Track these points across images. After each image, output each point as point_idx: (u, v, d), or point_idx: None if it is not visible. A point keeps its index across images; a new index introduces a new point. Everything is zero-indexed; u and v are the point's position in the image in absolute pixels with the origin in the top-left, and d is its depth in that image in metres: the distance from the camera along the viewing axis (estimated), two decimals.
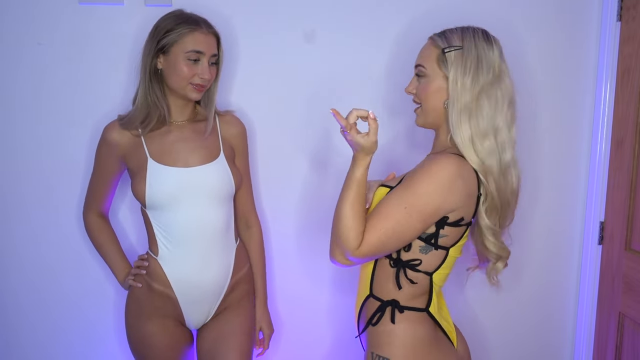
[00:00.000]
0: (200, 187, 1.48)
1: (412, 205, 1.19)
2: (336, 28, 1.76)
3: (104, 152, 1.53)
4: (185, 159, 1.49)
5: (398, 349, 1.26)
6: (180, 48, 1.44)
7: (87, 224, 1.63)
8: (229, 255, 1.56)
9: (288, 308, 1.89)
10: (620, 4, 1.77)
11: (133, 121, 1.49)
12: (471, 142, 1.23)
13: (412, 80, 1.34)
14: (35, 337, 1.81)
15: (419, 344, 1.26)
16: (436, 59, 1.27)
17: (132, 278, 1.55)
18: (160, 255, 1.51)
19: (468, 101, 1.23)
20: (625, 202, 1.78)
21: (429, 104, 1.29)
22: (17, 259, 1.77)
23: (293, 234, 1.85)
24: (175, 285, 1.51)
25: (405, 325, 1.27)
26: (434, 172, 1.20)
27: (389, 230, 1.19)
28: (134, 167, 1.50)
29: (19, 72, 1.68)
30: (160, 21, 1.49)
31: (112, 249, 1.62)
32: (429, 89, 1.28)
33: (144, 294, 1.53)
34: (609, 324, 1.86)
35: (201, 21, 1.48)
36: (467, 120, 1.23)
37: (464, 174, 1.21)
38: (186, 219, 1.47)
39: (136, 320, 1.54)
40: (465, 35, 1.26)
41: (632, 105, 1.75)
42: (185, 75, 1.45)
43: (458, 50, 1.24)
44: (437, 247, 1.25)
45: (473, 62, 1.24)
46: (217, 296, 1.55)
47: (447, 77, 1.25)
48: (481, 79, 1.23)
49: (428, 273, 1.27)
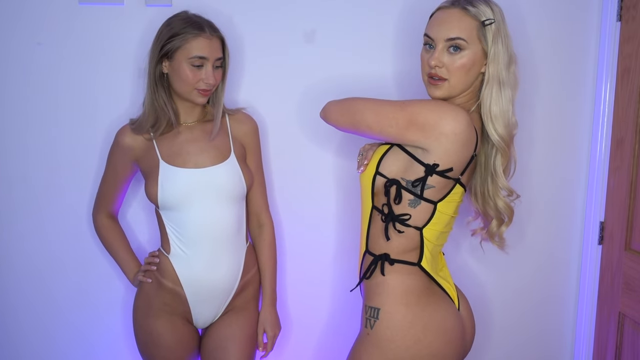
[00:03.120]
0: (210, 187, 1.49)
1: (407, 105, 1.23)
2: (341, 25, 1.75)
3: (117, 156, 1.55)
4: (196, 160, 1.50)
5: (388, 298, 1.29)
6: (184, 54, 1.44)
7: (97, 225, 1.65)
8: (239, 256, 1.56)
9: (298, 307, 1.88)
10: (620, 4, 1.77)
11: (143, 126, 1.51)
12: (508, 114, 1.28)
13: (439, 50, 1.26)
14: (43, 334, 1.82)
15: (409, 293, 1.28)
16: (477, 31, 1.24)
17: (142, 274, 1.56)
18: (172, 253, 1.52)
19: (505, 76, 1.26)
20: (625, 202, 1.78)
21: (464, 78, 1.26)
22: (27, 257, 1.78)
23: (304, 231, 1.84)
24: (185, 283, 1.52)
25: (395, 277, 1.29)
26: (441, 103, 1.24)
27: (370, 102, 1.27)
28: (147, 169, 1.52)
29: (18, 72, 1.69)
30: (164, 26, 1.48)
31: (122, 250, 1.64)
32: (467, 63, 1.24)
33: (154, 290, 1.54)
34: (609, 324, 1.86)
35: (205, 25, 1.47)
36: (507, 91, 1.27)
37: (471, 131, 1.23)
38: (198, 219, 1.48)
39: (144, 318, 1.55)
40: (493, 6, 1.25)
41: (632, 105, 1.74)
42: (190, 81, 1.45)
43: (494, 23, 1.23)
44: (423, 199, 1.26)
45: (505, 36, 1.25)
46: (226, 296, 1.56)
47: (485, 51, 1.25)
48: (509, 50, 1.27)
49: (418, 228, 1.29)
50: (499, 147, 1.30)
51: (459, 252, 1.89)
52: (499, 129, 1.27)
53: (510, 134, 1.30)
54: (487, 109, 1.27)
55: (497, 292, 1.95)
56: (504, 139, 1.29)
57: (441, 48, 1.25)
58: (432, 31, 1.27)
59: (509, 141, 1.31)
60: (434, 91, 1.29)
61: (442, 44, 1.25)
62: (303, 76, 1.77)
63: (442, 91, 1.28)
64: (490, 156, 1.34)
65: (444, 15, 1.26)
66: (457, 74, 1.25)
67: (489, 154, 1.34)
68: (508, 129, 1.29)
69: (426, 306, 1.29)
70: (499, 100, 1.26)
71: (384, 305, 1.29)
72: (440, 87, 1.28)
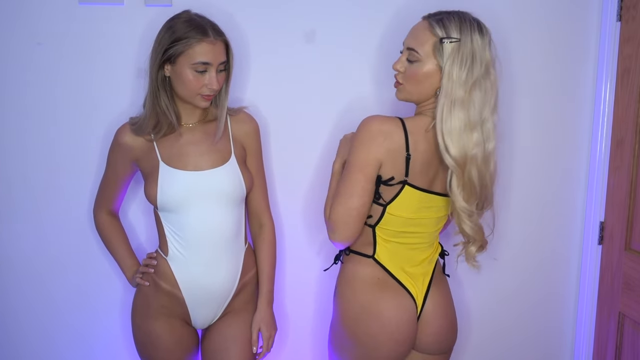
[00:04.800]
0: (210, 190, 1.47)
1: (353, 167, 1.31)
2: (346, 24, 1.74)
3: (117, 155, 1.53)
4: (196, 163, 1.48)
5: (340, 284, 1.46)
6: (187, 59, 1.40)
7: (97, 222, 1.64)
8: (238, 258, 1.55)
9: (297, 307, 1.87)
10: (620, 4, 1.77)
11: (144, 128, 1.49)
12: (459, 133, 1.27)
13: (401, 58, 1.35)
14: (42, 335, 1.81)
15: (358, 279, 1.42)
16: (432, 46, 1.28)
17: (140, 276, 1.55)
18: (170, 256, 1.51)
19: (461, 94, 1.26)
20: (625, 202, 1.78)
21: (416, 87, 1.33)
22: (26, 256, 1.77)
23: (304, 231, 1.84)
24: (183, 286, 1.50)
25: (350, 265, 1.45)
26: (358, 132, 1.32)
27: (338, 199, 1.34)
28: (147, 170, 1.50)
29: (18, 72, 1.68)
30: (165, 28, 1.43)
31: (122, 247, 1.63)
32: (419, 74, 1.31)
33: (152, 292, 1.53)
34: (609, 324, 1.86)
35: (209, 28, 1.42)
36: (459, 112, 1.27)
37: (384, 130, 1.29)
38: (197, 221, 1.47)
39: (143, 319, 1.54)
40: (463, 27, 1.27)
41: (632, 105, 1.75)
42: (193, 87, 1.43)
43: (455, 42, 1.26)
44: (374, 202, 1.36)
45: (469, 57, 1.26)
46: (225, 299, 1.55)
47: (440, 67, 1.28)
48: (475, 73, 1.27)
49: (371, 225, 1.40)
50: (451, 167, 1.29)
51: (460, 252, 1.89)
52: (450, 149, 1.27)
53: (464, 155, 1.28)
54: (439, 124, 1.28)
55: (497, 291, 1.95)
56: (455, 160, 1.28)
57: (404, 55, 1.35)
58: (405, 38, 1.37)
59: (463, 163, 1.28)
60: (396, 93, 1.40)
61: (406, 52, 1.34)
62: (305, 75, 1.76)
63: (402, 94, 1.38)
64: (447, 175, 1.34)
65: (415, 25, 1.35)
66: (410, 82, 1.33)
67: (447, 174, 1.35)
68: (461, 149, 1.27)
69: (370, 292, 1.39)
70: (449, 118, 1.26)
71: (339, 287, 1.47)
72: (400, 90, 1.38)
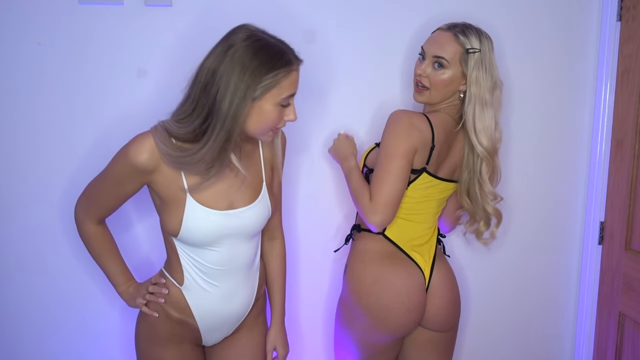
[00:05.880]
0: (240, 228, 1.35)
1: (395, 154, 1.42)
2: (348, 23, 1.74)
3: (126, 170, 1.27)
4: (230, 201, 1.32)
5: (351, 260, 1.56)
6: (276, 95, 1.21)
7: (84, 231, 1.42)
8: (254, 280, 1.46)
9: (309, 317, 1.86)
10: (620, 4, 1.77)
11: (190, 167, 1.24)
12: (491, 130, 1.48)
13: (426, 63, 1.49)
14: (37, 339, 1.81)
15: (368, 252, 1.52)
16: (459, 56, 1.46)
17: (144, 303, 1.41)
18: (186, 285, 1.37)
19: (488, 97, 1.47)
20: (625, 202, 1.78)
21: (441, 91, 1.49)
22: (20, 258, 1.76)
23: (304, 234, 1.83)
24: (197, 314, 1.39)
25: (361, 242, 1.56)
26: (395, 123, 1.44)
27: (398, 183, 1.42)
28: (166, 196, 1.29)
29: (18, 72, 1.68)
30: (242, 56, 1.18)
31: (114, 262, 1.45)
32: (445, 80, 1.47)
33: (160, 320, 1.40)
34: (609, 324, 1.86)
35: (291, 55, 1.24)
36: (489, 112, 1.47)
37: (418, 123, 1.43)
38: (220, 256, 1.35)
39: (149, 346, 1.42)
40: (482, 38, 1.47)
41: (632, 105, 1.75)
42: (274, 122, 1.25)
43: (478, 52, 1.45)
44: None
45: (488, 64, 1.46)
46: (239, 320, 1.47)
47: (464, 74, 1.46)
48: (494, 77, 1.48)
49: None
50: (483, 157, 1.50)
51: (461, 252, 1.89)
52: (483, 142, 1.48)
53: (494, 146, 1.50)
54: (470, 124, 1.48)
55: (498, 291, 1.95)
56: (487, 150, 1.49)
57: (428, 62, 1.49)
58: (426, 46, 1.51)
59: (493, 152, 1.51)
60: (417, 96, 1.53)
61: (430, 59, 1.48)
62: (307, 75, 1.75)
63: (423, 98, 1.52)
64: (476, 164, 1.52)
65: (438, 36, 1.49)
66: (437, 86, 1.48)
67: (475, 161, 1.52)
68: (492, 142, 1.49)
69: (381, 265, 1.50)
70: (482, 118, 1.47)
71: (349, 263, 1.57)
72: (423, 94, 1.51)
